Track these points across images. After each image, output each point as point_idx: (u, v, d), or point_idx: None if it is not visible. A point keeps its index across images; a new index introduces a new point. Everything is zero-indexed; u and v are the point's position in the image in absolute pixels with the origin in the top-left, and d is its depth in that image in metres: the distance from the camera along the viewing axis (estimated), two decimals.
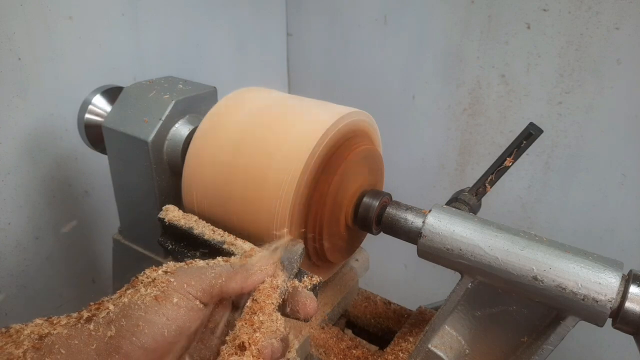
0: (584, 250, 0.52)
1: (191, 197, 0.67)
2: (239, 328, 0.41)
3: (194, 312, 0.40)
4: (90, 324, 0.37)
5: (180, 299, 0.40)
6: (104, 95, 0.78)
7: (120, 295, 0.41)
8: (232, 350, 0.39)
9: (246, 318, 0.42)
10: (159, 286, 0.40)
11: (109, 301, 0.40)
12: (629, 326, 0.48)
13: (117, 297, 0.41)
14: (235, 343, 0.40)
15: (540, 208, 1.29)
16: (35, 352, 0.35)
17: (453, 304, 0.58)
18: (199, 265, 0.45)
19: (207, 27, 1.27)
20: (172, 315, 0.38)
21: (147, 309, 0.38)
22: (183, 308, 0.39)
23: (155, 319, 0.38)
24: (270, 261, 0.47)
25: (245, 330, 0.41)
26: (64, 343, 0.36)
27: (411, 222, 0.61)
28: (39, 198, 0.98)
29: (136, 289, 0.41)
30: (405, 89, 1.39)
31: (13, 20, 0.86)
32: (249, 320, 0.42)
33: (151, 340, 0.37)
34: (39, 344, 0.36)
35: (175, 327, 0.38)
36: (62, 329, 0.38)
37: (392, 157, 1.31)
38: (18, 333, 0.37)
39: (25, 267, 0.99)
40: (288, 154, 0.59)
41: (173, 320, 0.38)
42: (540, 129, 0.64)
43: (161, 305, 0.38)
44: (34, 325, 0.39)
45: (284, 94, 0.73)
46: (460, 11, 1.23)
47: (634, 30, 1.03)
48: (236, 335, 0.40)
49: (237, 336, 0.40)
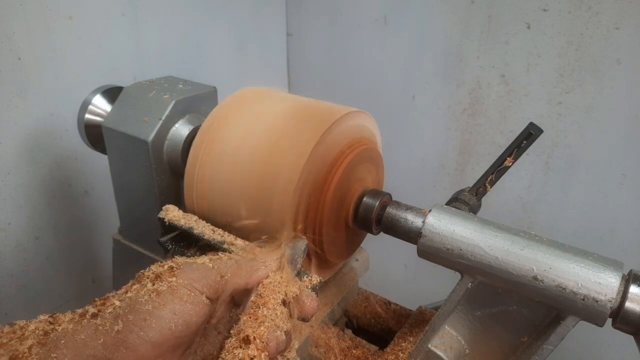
0: (584, 250, 0.52)
1: (191, 197, 0.67)
2: (244, 322, 0.41)
3: (200, 307, 0.40)
4: (97, 319, 0.38)
5: (186, 294, 0.40)
6: (104, 95, 0.78)
7: (126, 290, 0.41)
8: (236, 344, 0.39)
9: (250, 312, 0.42)
10: (166, 281, 0.40)
11: (114, 297, 0.40)
12: (629, 326, 0.48)
13: (123, 293, 0.41)
14: (239, 337, 0.40)
15: (540, 208, 1.29)
16: (40, 348, 0.35)
17: (453, 304, 0.58)
18: (204, 262, 0.45)
19: (207, 27, 1.27)
20: (179, 310, 0.39)
21: (154, 304, 0.38)
22: (190, 303, 0.39)
23: (163, 313, 0.38)
24: (274, 256, 0.47)
25: (250, 324, 0.41)
26: (70, 338, 0.36)
27: (411, 222, 0.61)
28: (39, 198, 0.98)
29: (142, 284, 0.41)
30: (405, 89, 1.39)
31: (13, 20, 0.86)
32: (253, 314, 0.42)
33: (158, 335, 0.37)
34: (44, 340, 0.36)
35: (182, 321, 0.39)
36: (67, 324, 0.38)
37: (392, 157, 1.31)
38: (22, 329, 0.37)
39: (25, 267, 0.99)
40: (288, 154, 0.59)
41: (180, 315, 0.39)
42: (540, 129, 0.64)
43: (168, 300, 0.39)
44: (38, 321, 0.39)
45: (286, 94, 0.73)
46: (460, 11, 1.23)
47: (634, 30, 1.03)
48: (241, 329, 0.41)
49: (241, 330, 0.41)
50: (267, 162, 0.60)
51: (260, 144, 0.62)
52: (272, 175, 0.59)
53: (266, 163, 0.60)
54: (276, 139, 0.61)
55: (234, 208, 0.62)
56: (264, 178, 0.60)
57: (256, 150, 0.62)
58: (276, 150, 0.60)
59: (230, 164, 0.63)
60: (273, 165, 0.60)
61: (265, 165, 0.60)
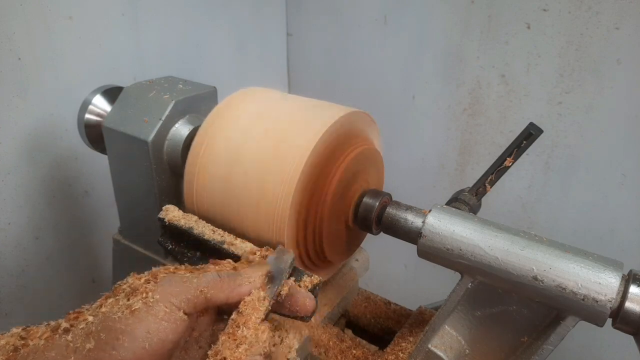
0: (584, 250, 0.52)
1: (191, 197, 0.67)
2: (222, 342, 0.40)
3: (177, 324, 0.39)
4: (69, 335, 0.36)
5: (163, 310, 0.39)
6: (104, 95, 0.78)
7: (100, 304, 0.40)
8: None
9: (229, 332, 0.41)
10: (141, 296, 0.39)
11: (88, 310, 0.39)
12: (629, 326, 0.48)
13: (97, 307, 0.40)
14: (217, 358, 0.39)
15: (540, 208, 1.29)
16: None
17: (453, 304, 0.58)
18: (184, 274, 0.44)
19: (207, 27, 1.27)
20: (154, 329, 0.38)
21: (128, 322, 0.37)
22: (165, 321, 0.38)
23: (136, 332, 0.37)
24: (259, 272, 0.46)
25: (228, 345, 0.40)
26: (40, 355, 0.35)
27: (411, 222, 0.61)
28: (39, 198, 0.98)
29: (117, 298, 0.40)
30: (405, 89, 1.39)
31: (13, 20, 0.86)
32: (232, 334, 0.41)
33: (131, 354, 0.36)
34: (13, 356, 0.35)
35: (157, 339, 0.38)
36: (38, 340, 0.37)
37: (392, 157, 1.31)
38: None
39: (25, 267, 0.99)
40: (288, 154, 0.59)
41: (155, 333, 0.38)
42: (540, 129, 0.64)
43: (143, 318, 0.38)
44: (10, 335, 0.38)
45: (285, 94, 0.73)
46: (460, 11, 1.23)
47: (634, 30, 1.03)
48: (218, 349, 0.40)
49: (219, 351, 0.39)
50: (266, 162, 0.60)
51: (259, 144, 0.62)
52: (272, 175, 0.59)
53: (266, 163, 0.60)
54: (276, 139, 0.61)
55: (234, 208, 0.62)
56: (263, 178, 0.60)
57: (256, 150, 0.62)
58: (276, 150, 0.60)
59: (230, 164, 0.63)
60: (273, 166, 0.59)
61: (265, 165, 0.60)
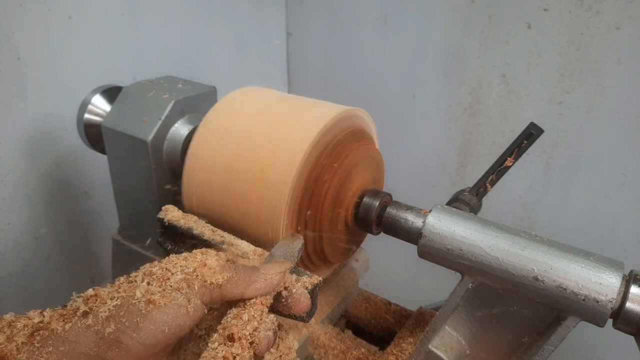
0: (584, 250, 0.51)
1: (190, 197, 0.67)
2: (231, 318, 0.41)
3: (194, 312, 0.40)
4: (88, 318, 0.37)
5: (181, 297, 0.40)
6: (104, 95, 0.78)
7: (119, 287, 0.41)
8: (221, 340, 0.39)
9: (235, 313, 0.42)
10: (160, 282, 0.40)
11: (105, 293, 0.40)
12: (630, 326, 0.48)
13: (115, 290, 0.40)
14: (224, 334, 0.40)
15: (540, 208, 1.29)
16: (30, 346, 0.35)
17: (453, 305, 0.57)
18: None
19: (206, 26, 1.27)
20: (173, 314, 0.39)
21: (148, 306, 0.38)
22: (184, 307, 0.39)
23: (157, 316, 0.38)
24: (278, 269, 0.46)
25: (236, 322, 0.41)
26: (60, 336, 0.36)
27: (411, 222, 0.61)
28: (38, 198, 0.98)
29: (134, 283, 0.41)
30: (405, 88, 1.39)
31: (12, 20, 0.86)
32: (238, 314, 0.42)
33: (152, 338, 0.37)
34: (33, 338, 0.36)
35: (176, 325, 0.39)
36: (56, 322, 0.37)
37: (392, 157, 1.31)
38: (10, 326, 0.37)
39: (24, 267, 0.99)
40: (287, 154, 0.59)
41: (174, 319, 0.38)
42: (541, 128, 0.64)
43: (162, 304, 0.39)
44: (27, 317, 0.38)
45: (283, 93, 0.73)
46: (460, 11, 1.22)
47: (635, 30, 1.03)
48: (226, 325, 0.40)
49: (226, 326, 0.40)
50: (264, 161, 0.60)
51: (257, 143, 0.62)
52: (270, 174, 0.59)
53: (264, 162, 0.60)
54: (274, 138, 0.61)
55: (232, 206, 0.62)
56: (261, 177, 0.60)
57: (254, 149, 0.61)
58: (274, 149, 0.60)
59: (228, 164, 0.62)
60: (270, 165, 0.59)
61: (263, 164, 0.60)
